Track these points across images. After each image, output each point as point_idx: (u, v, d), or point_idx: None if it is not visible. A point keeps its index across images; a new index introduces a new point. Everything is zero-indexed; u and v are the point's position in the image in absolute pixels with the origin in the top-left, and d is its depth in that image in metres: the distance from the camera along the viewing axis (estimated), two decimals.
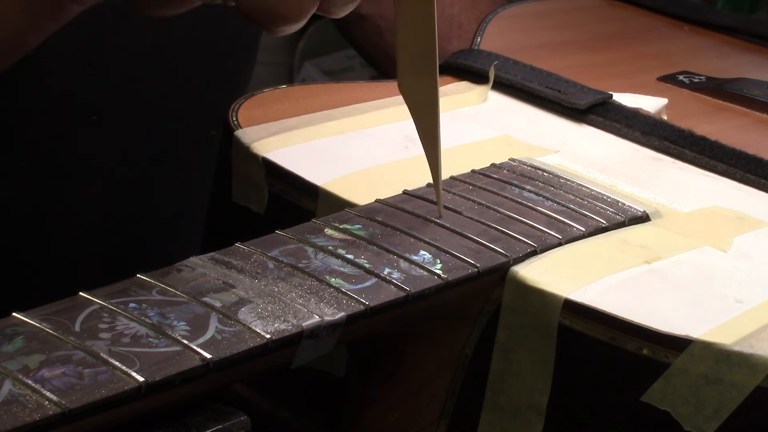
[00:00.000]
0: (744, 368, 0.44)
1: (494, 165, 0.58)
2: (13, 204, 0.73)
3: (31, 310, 0.40)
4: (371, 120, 0.62)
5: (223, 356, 0.40)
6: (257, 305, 0.43)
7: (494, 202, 0.53)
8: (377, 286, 0.45)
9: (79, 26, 0.70)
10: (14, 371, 0.37)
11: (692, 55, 0.84)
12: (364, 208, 0.52)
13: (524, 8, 0.87)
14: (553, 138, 0.64)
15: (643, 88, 0.72)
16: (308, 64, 2.05)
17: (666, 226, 0.54)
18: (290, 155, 0.57)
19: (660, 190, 0.58)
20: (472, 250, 0.49)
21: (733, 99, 0.73)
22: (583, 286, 0.48)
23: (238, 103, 0.62)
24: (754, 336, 0.45)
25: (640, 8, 0.91)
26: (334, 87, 0.67)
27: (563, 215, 0.53)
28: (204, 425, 0.41)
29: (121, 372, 0.38)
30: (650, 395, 0.46)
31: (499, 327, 0.49)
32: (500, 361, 0.49)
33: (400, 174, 0.56)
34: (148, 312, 0.41)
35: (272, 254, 0.46)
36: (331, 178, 0.55)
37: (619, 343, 0.46)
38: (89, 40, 0.71)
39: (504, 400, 0.49)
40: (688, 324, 0.46)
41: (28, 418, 0.36)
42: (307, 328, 0.42)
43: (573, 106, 0.66)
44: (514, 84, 0.69)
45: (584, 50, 0.81)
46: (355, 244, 0.48)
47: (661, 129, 0.65)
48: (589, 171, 0.59)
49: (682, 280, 0.50)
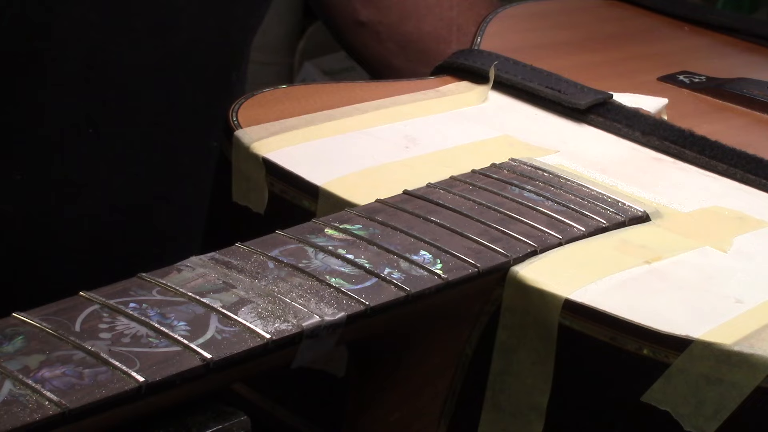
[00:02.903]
0: (744, 368, 0.44)
1: (494, 165, 0.58)
2: (12, 215, 0.73)
3: (31, 310, 0.40)
4: (371, 120, 0.62)
5: (223, 356, 0.40)
6: (257, 305, 0.43)
7: (494, 202, 0.53)
8: (377, 286, 0.45)
9: (77, 38, 0.70)
10: (14, 371, 0.37)
11: (692, 55, 0.84)
12: (364, 208, 0.52)
13: (524, 8, 0.87)
14: (553, 138, 0.64)
15: (643, 88, 0.72)
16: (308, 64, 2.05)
17: (666, 226, 0.54)
18: (290, 155, 0.57)
19: (660, 190, 0.58)
20: (473, 250, 0.49)
21: (733, 99, 0.73)
22: (584, 286, 0.48)
23: (238, 103, 0.62)
24: (754, 336, 0.45)
25: (639, 8, 0.91)
26: (334, 87, 0.67)
27: (563, 215, 0.53)
28: (204, 425, 0.41)
29: (121, 372, 0.38)
30: (650, 395, 0.46)
31: (499, 327, 0.49)
32: (500, 361, 0.49)
33: (400, 174, 0.56)
34: (149, 312, 0.41)
35: (272, 254, 0.46)
36: (331, 178, 0.55)
37: (619, 343, 0.46)
38: (87, 53, 0.71)
39: (504, 400, 0.49)
40: (689, 324, 0.46)
41: (28, 418, 0.36)
42: (308, 328, 0.42)
43: (573, 106, 0.66)
44: (515, 84, 0.69)
45: (584, 50, 0.81)
46: (355, 244, 0.48)
47: (661, 129, 0.65)
48: (589, 171, 0.59)
49: (683, 280, 0.50)
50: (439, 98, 0.67)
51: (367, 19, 0.85)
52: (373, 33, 0.86)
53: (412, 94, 0.67)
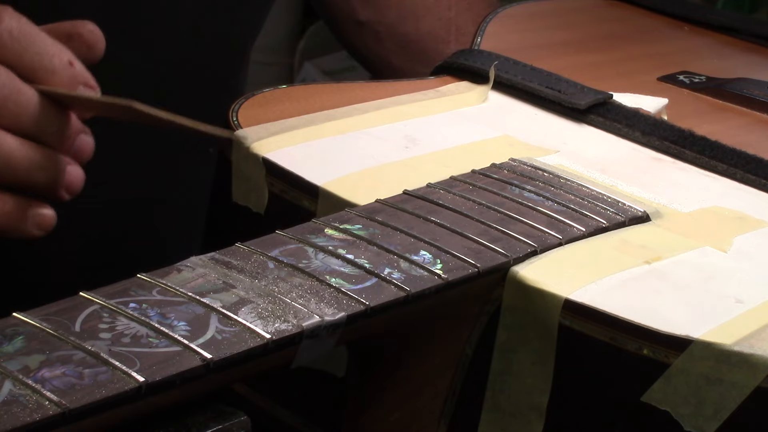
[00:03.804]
0: (744, 368, 0.44)
1: (494, 165, 0.58)
2: None
3: (31, 310, 0.40)
4: (371, 120, 0.62)
5: (223, 356, 0.40)
6: (257, 305, 0.43)
7: (494, 202, 0.53)
8: (377, 286, 0.45)
9: None
10: (14, 371, 0.37)
11: (692, 55, 0.84)
12: (364, 208, 0.52)
13: (524, 8, 0.87)
14: (553, 138, 0.64)
15: (643, 88, 0.72)
16: (308, 64, 2.05)
17: (666, 226, 0.54)
18: (290, 155, 0.57)
19: (660, 190, 0.58)
20: (473, 250, 0.49)
21: (733, 99, 0.73)
22: (584, 286, 0.48)
23: (238, 103, 0.62)
24: (754, 336, 0.45)
25: (639, 8, 0.91)
26: (334, 87, 0.67)
27: (563, 215, 0.53)
28: (204, 425, 0.41)
29: (121, 372, 0.38)
30: (650, 395, 0.46)
31: (499, 327, 0.49)
32: (500, 361, 0.49)
33: (400, 174, 0.56)
34: (149, 312, 0.41)
35: (272, 254, 0.46)
36: (331, 178, 0.55)
37: (619, 343, 0.46)
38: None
39: (504, 400, 0.49)
40: (689, 324, 0.46)
41: (29, 418, 0.36)
42: (308, 328, 0.42)
43: (573, 106, 0.66)
44: (515, 84, 0.69)
45: (584, 50, 0.81)
46: (356, 244, 0.48)
47: (661, 129, 0.65)
48: (589, 171, 0.59)
49: (683, 280, 0.50)
50: (439, 98, 0.67)
51: (366, 19, 0.86)
52: (372, 33, 0.86)
53: (412, 94, 0.67)
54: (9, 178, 0.52)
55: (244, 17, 0.80)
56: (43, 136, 0.53)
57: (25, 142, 0.52)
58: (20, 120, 0.52)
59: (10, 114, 0.52)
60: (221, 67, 0.80)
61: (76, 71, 0.54)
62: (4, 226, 0.53)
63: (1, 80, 0.51)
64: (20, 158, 0.52)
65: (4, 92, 0.51)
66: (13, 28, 0.52)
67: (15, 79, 0.52)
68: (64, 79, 0.53)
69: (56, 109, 0.53)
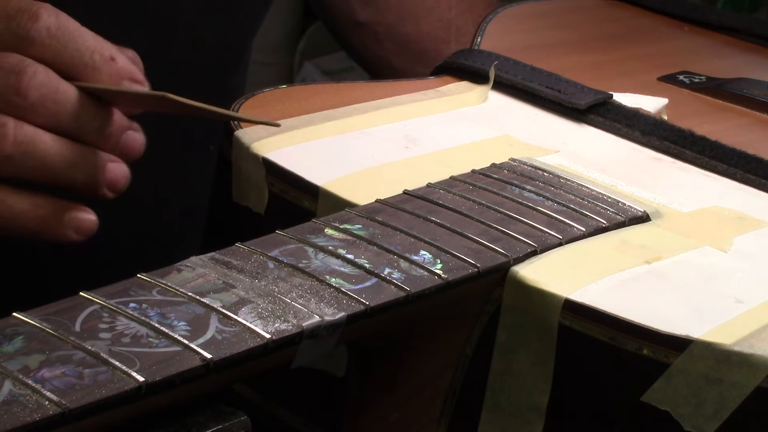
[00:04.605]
0: (744, 368, 0.44)
1: (494, 165, 0.58)
2: None
3: (31, 310, 0.40)
4: (371, 120, 0.62)
5: (223, 356, 0.40)
6: (257, 305, 0.43)
7: (494, 202, 0.53)
8: (377, 286, 0.45)
9: None
10: (14, 371, 0.37)
11: (692, 55, 0.84)
12: (364, 208, 0.52)
13: (524, 8, 0.87)
14: (553, 138, 0.64)
15: (643, 88, 0.72)
16: (308, 64, 2.05)
17: (666, 226, 0.54)
18: (290, 155, 0.57)
19: (660, 190, 0.58)
20: (473, 250, 0.49)
21: (733, 99, 0.73)
22: (583, 286, 0.48)
23: (238, 103, 0.62)
24: (754, 336, 0.45)
25: (640, 8, 0.91)
26: (333, 87, 0.67)
27: (563, 215, 0.53)
28: (204, 425, 0.41)
29: (121, 372, 0.38)
30: (650, 395, 0.46)
31: (499, 327, 0.49)
32: (500, 361, 0.49)
33: (400, 174, 0.56)
34: (149, 312, 0.41)
35: (272, 254, 0.46)
36: (331, 178, 0.55)
37: (619, 343, 0.46)
38: None
39: (504, 400, 0.49)
40: (688, 324, 0.46)
41: (28, 418, 0.36)
42: (308, 328, 0.42)
43: (573, 106, 0.66)
44: (515, 84, 0.69)
45: (584, 50, 0.81)
46: (356, 244, 0.48)
47: (661, 129, 0.65)
48: (589, 171, 0.59)
49: (683, 280, 0.50)
50: (439, 98, 0.67)
51: (365, 20, 0.85)
52: (372, 33, 0.86)
53: (412, 94, 0.67)
54: (47, 177, 0.52)
55: (242, 17, 0.80)
56: (83, 134, 0.52)
57: (62, 140, 0.52)
58: (59, 118, 0.51)
59: (48, 113, 0.51)
60: (221, 67, 0.80)
61: (119, 66, 0.53)
62: (40, 229, 0.52)
63: (39, 79, 0.51)
64: (57, 157, 0.52)
65: (43, 91, 0.51)
66: (51, 25, 0.52)
67: (54, 78, 0.51)
68: (106, 75, 0.52)
69: (97, 106, 0.53)
